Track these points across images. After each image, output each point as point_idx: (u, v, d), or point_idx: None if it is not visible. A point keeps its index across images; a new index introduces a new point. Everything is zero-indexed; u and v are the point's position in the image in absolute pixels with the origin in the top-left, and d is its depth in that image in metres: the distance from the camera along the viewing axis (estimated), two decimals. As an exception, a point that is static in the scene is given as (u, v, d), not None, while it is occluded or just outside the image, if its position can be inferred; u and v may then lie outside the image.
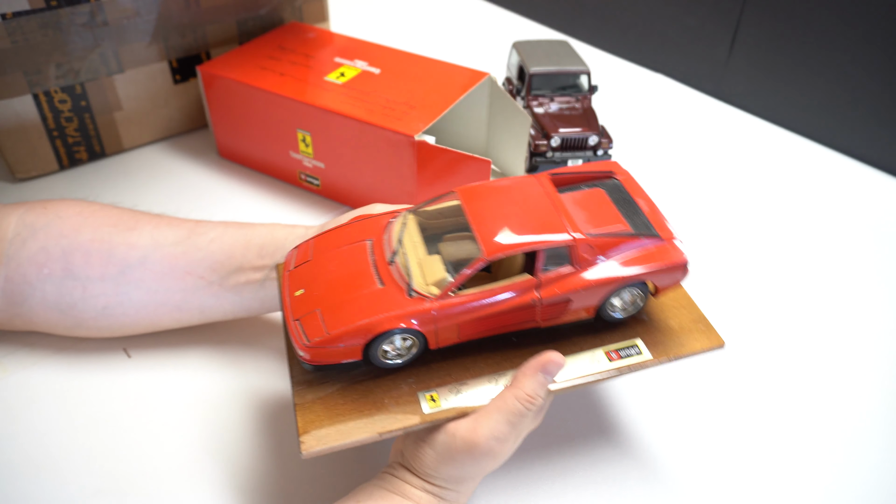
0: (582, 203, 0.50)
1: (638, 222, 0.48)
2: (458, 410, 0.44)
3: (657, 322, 0.50)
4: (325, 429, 0.44)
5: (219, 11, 0.85)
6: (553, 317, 0.47)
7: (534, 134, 0.83)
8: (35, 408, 0.56)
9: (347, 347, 0.44)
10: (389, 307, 0.44)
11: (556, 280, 0.46)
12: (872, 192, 0.87)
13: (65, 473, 0.52)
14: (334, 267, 0.48)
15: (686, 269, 0.48)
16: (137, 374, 0.60)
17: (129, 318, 0.58)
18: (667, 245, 0.47)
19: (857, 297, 0.71)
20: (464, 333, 0.46)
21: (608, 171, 0.53)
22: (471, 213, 0.47)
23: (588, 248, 0.46)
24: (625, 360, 0.48)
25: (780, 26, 0.95)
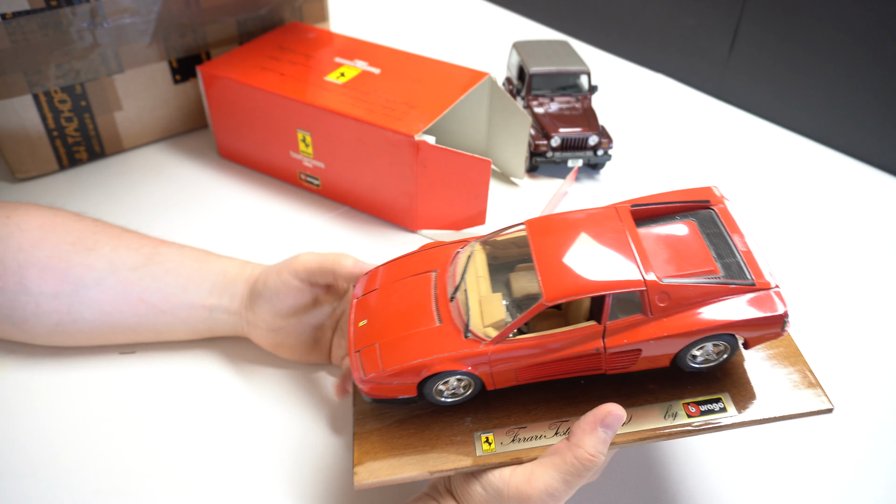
0: (667, 240, 0.45)
1: (730, 264, 0.43)
2: (511, 455, 0.43)
3: (754, 377, 0.44)
4: (378, 461, 0.44)
5: (219, 11, 0.85)
6: (622, 365, 0.44)
7: (534, 134, 0.83)
8: (35, 408, 0.56)
9: (401, 385, 0.44)
10: (444, 348, 0.43)
11: (625, 328, 0.42)
12: (873, 192, 0.87)
13: (64, 473, 0.52)
14: (397, 299, 0.47)
15: (783, 323, 0.42)
16: (137, 374, 0.60)
17: (83, 335, 0.58)
18: (761, 294, 0.42)
19: (858, 296, 0.71)
20: (522, 377, 0.44)
21: (703, 200, 0.47)
22: (536, 250, 0.44)
23: (664, 296, 0.41)
24: (706, 416, 0.43)
25: (780, 26, 0.95)
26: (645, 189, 0.84)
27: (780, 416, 0.42)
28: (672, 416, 0.43)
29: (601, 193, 0.84)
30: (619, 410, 0.41)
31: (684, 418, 0.43)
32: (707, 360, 0.44)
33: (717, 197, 0.48)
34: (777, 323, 0.42)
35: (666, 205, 0.47)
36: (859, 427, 0.58)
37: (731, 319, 0.41)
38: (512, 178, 0.83)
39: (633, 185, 0.85)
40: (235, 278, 0.59)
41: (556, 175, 0.84)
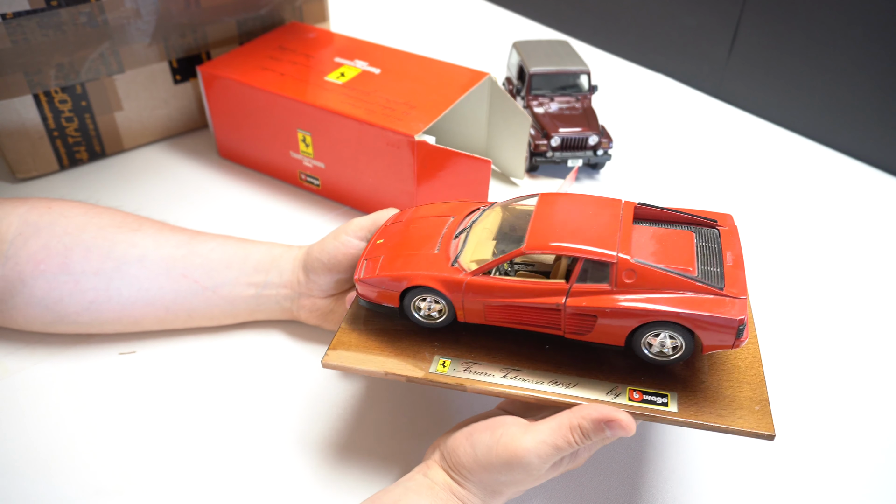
0: (661, 238, 0.47)
1: (710, 272, 0.45)
2: (457, 381, 0.47)
3: (710, 386, 0.46)
4: (348, 352, 0.50)
5: (219, 11, 0.85)
6: (577, 330, 0.46)
7: (534, 134, 0.83)
8: (35, 408, 0.56)
9: (387, 291, 0.50)
10: (430, 268, 0.48)
11: (587, 293, 0.44)
12: (873, 191, 0.87)
13: (65, 473, 0.52)
14: (412, 230, 0.53)
15: (737, 331, 0.43)
16: (137, 374, 0.60)
17: (115, 313, 0.58)
18: (725, 299, 0.43)
19: (858, 296, 0.71)
20: (490, 316, 0.48)
21: (713, 220, 0.50)
22: (537, 213, 0.49)
23: (630, 273, 0.44)
24: (646, 404, 0.45)
25: (780, 26, 0.95)
26: (644, 189, 0.84)
27: (715, 426, 0.43)
28: (615, 394, 0.46)
29: (601, 193, 0.84)
30: (629, 425, 0.42)
31: (625, 400, 0.45)
32: (662, 353, 0.45)
33: (729, 223, 0.50)
34: (730, 328, 0.42)
35: (672, 212, 0.50)
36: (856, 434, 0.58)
37: (685, 311, 0.43)
38: (512, 178, 0.83)
39: (632, 184, 0.85)
40: (281, 256, 0.61)
41: (556, 175, 0.85)
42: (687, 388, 0.46)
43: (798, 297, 0.70)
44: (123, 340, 0.62)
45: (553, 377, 0.47)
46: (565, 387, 0.46)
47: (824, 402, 0.60)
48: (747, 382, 0.46)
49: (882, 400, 0.60)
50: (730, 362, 0.48)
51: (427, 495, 0.44)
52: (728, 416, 0.44)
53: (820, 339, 0.66)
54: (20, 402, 0.57)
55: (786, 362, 0.63)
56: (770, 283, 0.72)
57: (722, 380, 0.46)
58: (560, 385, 0.46)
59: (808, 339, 0.66)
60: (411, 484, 0.45)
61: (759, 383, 0.46)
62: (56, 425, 0.55)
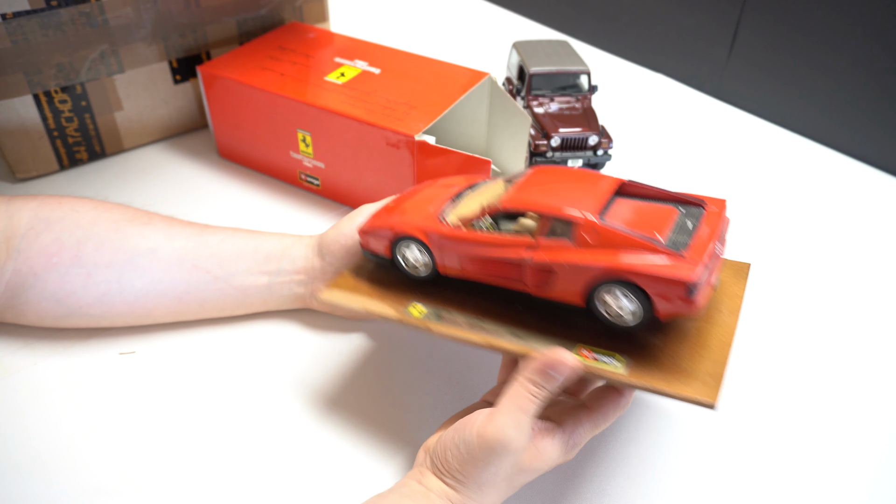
0: (641, 210, 0.48)
1: (677, 241, 0.45)
2: (423, 324, 0.50)
3: (668, 357, 0.46)
4: (341, 293, 0.55)
5: (219, 11, 0.85)
6: (540, 286, 0.47)
7: (534, 134, 0.83)
8: (35, 408, 0.56)
9: (380, 240, 0.54)
10: (418, 221, 0.52)
11: (550, 248, 0.46)
12: (873, 192, 0.87)
13: (65, 473, 0.52)
14: (420, 195, 0.57)
15: (685, 289, 0.42)
16: (138, 375, 0.60)
17: (127, 305, 0.59)
18: (679, 262, 0.43)
19: (858, 296, 0.71)
20: (465, 268, 0.51)
21: (702, 201, 0.49)
22: (525, 179, 0.51)
23: (592, 232, 0.45)
24: (595, 363, 0.45)
25: (780, 26, 0.95)
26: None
27: (657, 389, 0.43)
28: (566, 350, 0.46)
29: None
30: (569, 359, 0.43)
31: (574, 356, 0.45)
32: (621, 317, 0.45)
33: (718, 205, 0.49)
34: (680, 287, 0.42)
35: (660, 189, 0.50)
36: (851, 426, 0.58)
37: (636, 265, 0.43)
38: (512, 178, 0.83)
39: (632, 185, 0.85)
40: (293, 244, 0.62)
41: (556, 175, 0.84)
42: (644, 356, 0.46)
43: (798, 297, 0.70)
44: (128, 336, 0.62)
45: (512, 329, 0.49)
46: (520, 339, 0.48)
47: (821, 401, 0.60)
48: (709, 359, 0.45)
49: (881, 399, 0.60)
50: (699, 340, 0.47)
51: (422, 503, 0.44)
52: (674, 383, 0.43)
53: (819, 338, 0.66)
54: (20, 402, 0.57)
55: (785, 361, 0.63)
56: (770, 282, 0.72)
57: (683, 354, 0.46)
58: (517, 337, 0.48)
59: (808, 338, 0.66)
60: (406, 490, 0.45)
61: (720, 361, 0.45)
62: (56, 425, 0.55)
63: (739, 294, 0.52)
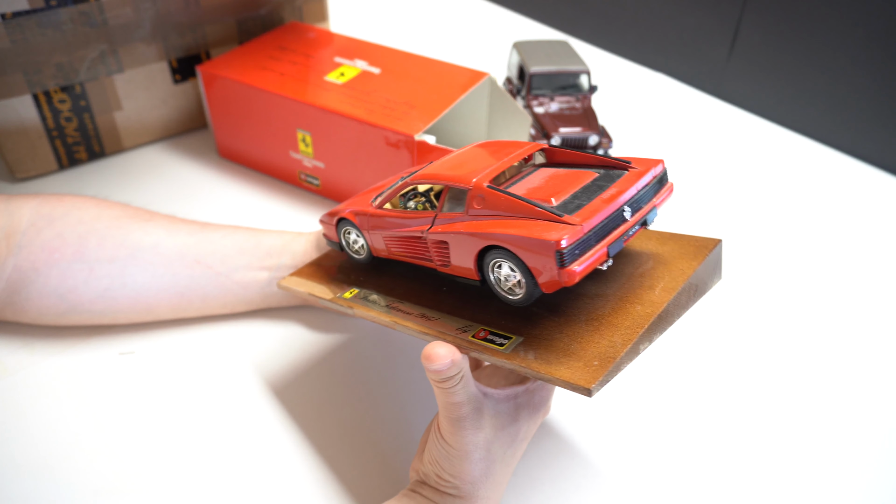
0: (555, 177, 0.45)
1: (572, 204, 0.41)
2: (346, 304, 0.51)
3: (564, 338, 0.42)
4: (298, 279, 0.58)
5: (219, 11, 0.85)
6: (442, 261, 0.46)
7: (534, 134, 0.83)
8: (35, 408, 0.56)
9: (329, 226, 0.56)
10: (356, 205, 0.54)
11: (446, 221, 0.45)
12: (873, 191, 0.87)
13: (65, 473, 0.52)
14: (386, 182, 0.57)
15: (553, 253, 0.38)
16: (137, 375, 0.60)
17: (129, 300, 0.59)
18: (555, 224, 0.39)
19: (857, 296, 0.71)
20: (390, 249, 0.51)
21: (626, 162, 0.45)
22: (453, 154, 0.51)
23: (480, 199, 0.42)
24: (483, 343, 0.43)
25: (781, 26, 0.95)
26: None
27: (533, 373, 0.40)
28: (464, 330, 0.44)
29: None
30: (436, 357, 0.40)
31: (469, 337, 0.44)
32: (512, 289, 0.42)
33: (646, 165, 0.45)
34: (546, 252, 0.38)
35: (586, 155, 0.47)
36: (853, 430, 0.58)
37: (506, 233, 0.40)
38: (512, 178, 0.83)
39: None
40: (293, 240, 0.62)
41: (556, 175, 0.84)
42: (538, 336, 0.42)
43: (797, 297, 0.70)
44: (128, 336, 0.62)
45: (424, 311, 0.48)
46: (427, 320, 0.47)
47: (819, 401, 0.60)
48: (608, 341, 0.40)
49: (880, 398, 0.60)
50: (610, 320, 0.42)
51: None
52: (554, 366, 0.39)
53: (819, 338, 0.66)
54: (20, 402, 0.57)
55: (783, 360, 0.63)
56: (770, 282, 0.72)
57: (583, 335, 0.42)
58: (425, 318, 0.47)
59: (808, 338, 0.66)
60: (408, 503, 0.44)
61: (620, 343, 0.40)
62: (56, 425, 0.55)
63: (686, 272, 0.45)
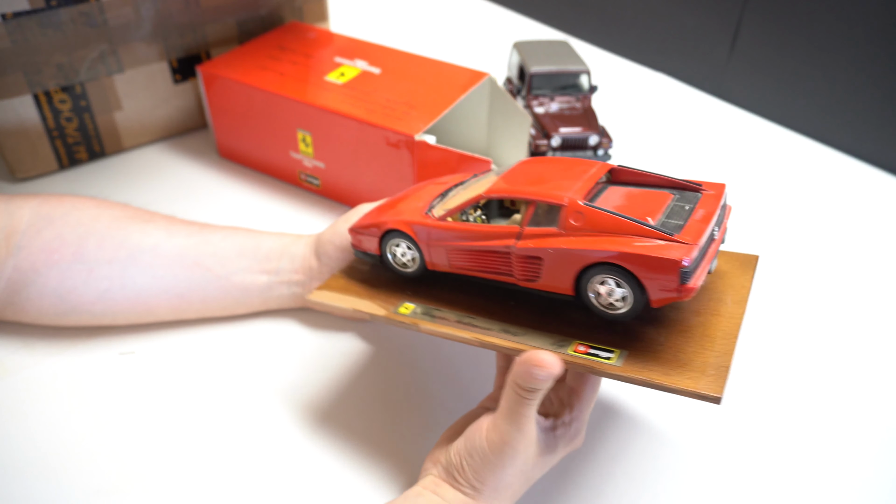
0: (633, 195, 0.46)
1: (669, 224, 0.43)
2: (412, 321, 0.49)
3: (668, 349, 0.43)
4: (331, 293, 0.55)
5: (219, 11, 0.85)
6: (528, 276, 0.45)
7: (534, 134, 0.83)
8: (35, 408, 0.56)
9: (369, 238, 0.54)
10: (407, 216, 0.51)
11: (536, 236, 0.44)
12: (873, 191, 0.87)
13: (65, 473, 0.52)
14: (413, 193, 0.56)
15: (677, 272, 0.39)
16: (137, 375, 0.60)
17: (128, 302, 0.59)
18: (671, 244, 0.40)
19: (858, 296, 0.71)
20: (452, 261, 0.49)
21: (698, 184, 0.47)
22: (513, 168, 0.50)
23: (578, 216, 0.43)
24: (588, 357, 0.43)
25: (781, 26, 0.95)
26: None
27: (656, 383, 0.40)
28: (559, 346, 0.44)
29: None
30: (548, 363, 0.41)
31: (568, 351, 0.43)
32: (612, 304, 0.43)
33: (716, 188, 0.47)
34: (671, 270, 0.39)
35: (655, 175, 0.48)
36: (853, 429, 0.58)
37: (623, 250, 0.40)
38: (512, 178, 0.83)
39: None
40: (292, 244, 0.62)
41: (556, 175, 0.84)
42: (642, 349, 0.43)
43: (798, 296, 0.70)
44: (128, 336, 0.62)
45: (504, 326, 0.47)
46: (513, 335, 0.46)
47: (818, 399, 0.60)
48: (713, 351, 0.42)
49: (880, 398, 0.60)
50: (701, 331, 0.45)
51: None
52: (675, 376, 0.41)
53: (818, 336, 0.66)
54: (20, 402, 0.57)
55: (784, 357, 0.63)
56: (770, 281, 0.72)
57: (685, 345, 0.43)
58: (508, 333, 0.46)
59: (807, 336, 0.66)
60: (421, 501, 0.44)
61: (725, 353, 0.42)
62: (56, 425, 0.55)
63: (746, 285, 0.50)
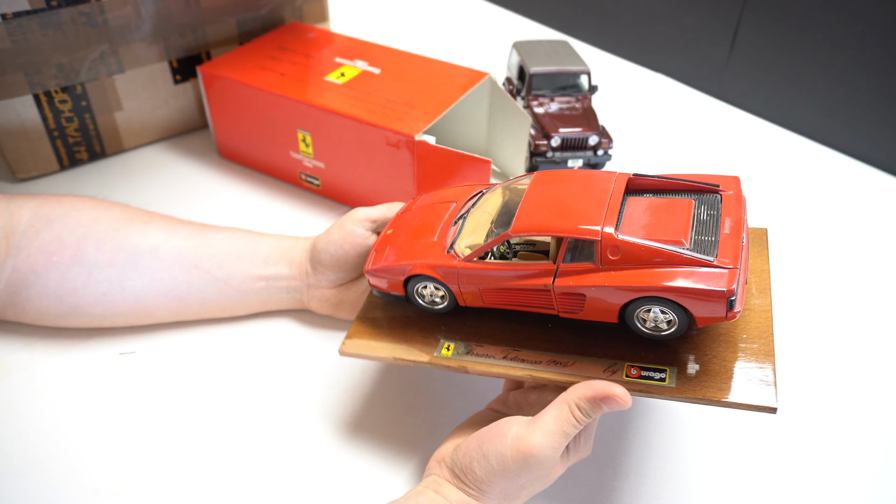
0: (655, 209, 0.45)
1: (703, 242, 0.43)
2: (459, 363, 0.48)
3: (713, 359, 0.44)
4: (362, 341, 0.52)
5: (219, 11, 0.85)
6: (570, 309, 0.46)
7: (534, 134, 0.83)
8: (35, 408, 0.56)
9: (392, 281, 0.51)
10: (428, 256, 0.49)
11: (574, 273, 0.44)
12: (872, 191, 0.87)
13: (65, 473, 0.52)
14: (418, 218, 0.54)
15: (726, 302, 0.40)
16: (137, 375, 0.60)
17: (128, 305, 0.59)
18: (714, 271, 0.41)
19: (858, 296, 0.71)
20: (487, 299, 0.48)
21: (715, 185, 0.47)
22: (528, 194, 0.48)
23: (615, 250, 0.43)
24: (643, 380, 0.44)
25: (781, 26, 0.95)
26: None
27: (716, 400, 0.42)
28: (612, 371, 0.45)
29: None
30: (624, 397, 0.41)
31: (622, 377, 0.45)
32: (657, 328, 0.44)
33: (733, 186, 0.47)
34: (719, 299, 0.40)
35: (670, 180, 0.48)
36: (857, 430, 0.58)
37: (672, 284, 0.41)
38: (512, 178, 0.83)
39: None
40: (290, 248, 0.62)
41: (556, 175, 0.84)
42: (685, 362, 0.45)
43: (798, 297, 0.70)
44: (128, 336, 0.62)
45: (552, 356, 0.47)
46: (563, 366, 0.46)
47: (819, 402, 0.60)
48: (753, 354, 0.44)
49: (880, 398, 0.60)
50: (738, 333, 0.46)
51: None
52: (727, 390, 0.42)
53: (818, 337, 0.66)
54: (20, 402, 0.57)
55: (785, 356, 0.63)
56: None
57: (726, 352, 0.44)
58: (559, 364, 0.46)
59: (807, 337, 0.66)
60: (422, 500, 0.44)
61: (766, 354, 0.44)
62: (56, 425, 0.55)
63: (765, 268, 0.49)
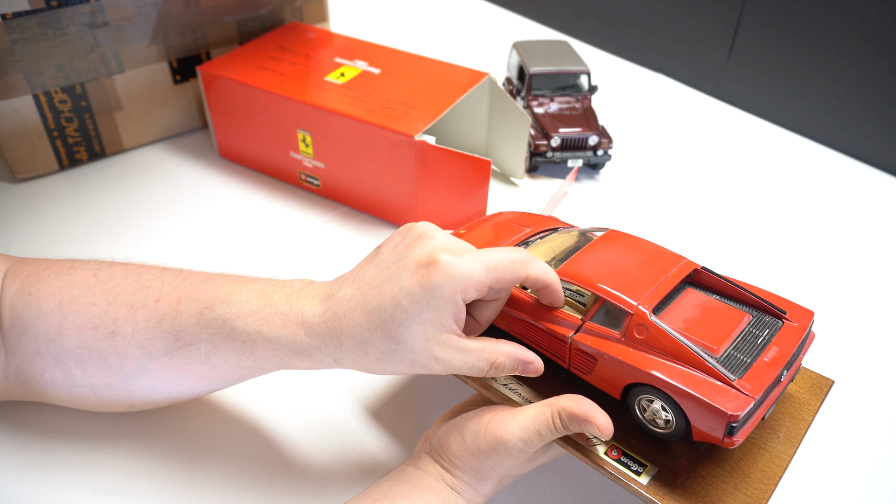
0: (708, 309, 0.44)
1: (736, 359, 0.41)
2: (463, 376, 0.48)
3: (698, 478, 0.42)
4: None
5: (219, 11, 0.85)
6: (580, 368, 0.45)
7: (534, 134, 0.83)
8: (35, 407, 0.56)
9: None
10: None
11: (596, 334, 0.43)
12: (872, 191, 0.87)
13: (65, 473, 0.52)
14: (489, 231, 0.55)
15: (724, 423, 0.38)
16: (137, 374, 0.60)
17: (139, 405, 0.53)
18: (729, 390, 0.39)
19: (858, 296, 0.71)
20: (513, 327, 0.49)
21: (782, 311, 0.45)
22: (592, 245, 0.48)
23: (642, 329, 0.41)
24: (619, 465, 0.42)
25: (780, 26, 0.95)
26: (645, 189, 0.84)
27: None
28: (594, 442, 0.44)
29: (601, 194, 0.84)
30: (606, 426, 0.41)
31: (601, 452, 0.43)
32: (654, 422, 0.42)
33: (803, 318, 0.45)
34: (720, 419, 0.38)
35: (738, 288, 0.46)
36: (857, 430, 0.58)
37: (678, 384, 0.39)
38: (512, 178, 0.83)
39: (632, 185, 0.86)
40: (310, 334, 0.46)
41: (555, 175, 0.85)
42: (673, 469, 0.42)
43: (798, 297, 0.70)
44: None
45: None
46: None
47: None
48: (745, 494, 0.41)
49: (881, 398, 0.60)
50: (741, 467, 0.43)
51: (417, 485, 0.45)
52: None
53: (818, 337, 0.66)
54: (20, 402, 0.57)
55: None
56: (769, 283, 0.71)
57: (718, 480, 0.42)
58: None
59: (809, 339, 0.66)
60: (401, 475, 0.46)
61: (757, 501, 0.40)
62: (56, 424, 0.55)
63: (807, 419, 0.46)
